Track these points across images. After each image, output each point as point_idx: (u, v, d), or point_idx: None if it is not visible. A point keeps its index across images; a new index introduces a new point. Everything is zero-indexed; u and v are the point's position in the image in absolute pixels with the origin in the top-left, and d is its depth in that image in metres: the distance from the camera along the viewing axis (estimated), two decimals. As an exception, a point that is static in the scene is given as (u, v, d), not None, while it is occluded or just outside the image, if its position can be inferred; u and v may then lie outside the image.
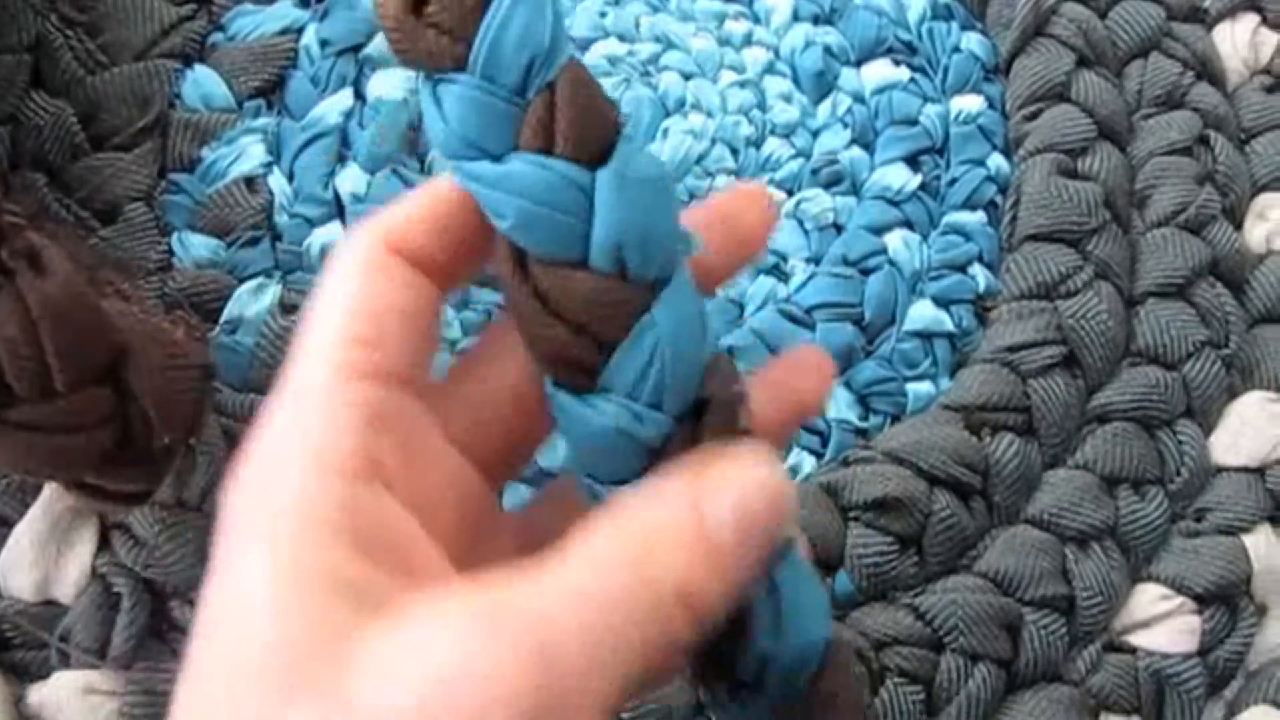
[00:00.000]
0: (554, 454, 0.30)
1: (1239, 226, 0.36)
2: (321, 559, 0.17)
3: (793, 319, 0.33)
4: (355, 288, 0.19)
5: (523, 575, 0.17)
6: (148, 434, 0.26)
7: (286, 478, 0.18)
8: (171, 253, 0.33)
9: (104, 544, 0.31)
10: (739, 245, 0.22)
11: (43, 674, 0.30)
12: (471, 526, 0.21)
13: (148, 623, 0.30)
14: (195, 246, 0.33)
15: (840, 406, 0.33)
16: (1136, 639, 0.32)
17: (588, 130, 0.19)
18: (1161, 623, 0.32)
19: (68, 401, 0.25)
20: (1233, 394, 0.35)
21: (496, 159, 0.19)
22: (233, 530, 0.18)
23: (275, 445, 0.18)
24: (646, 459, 0.20)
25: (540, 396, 0.20)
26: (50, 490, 0.30)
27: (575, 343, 0.19)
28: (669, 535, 0.18)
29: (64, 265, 0.25)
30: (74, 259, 0.25)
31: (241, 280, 0.33)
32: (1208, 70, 0.37)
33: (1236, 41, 0.38)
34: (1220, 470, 0.34)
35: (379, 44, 0.34)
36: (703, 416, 0.20)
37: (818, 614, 0.21)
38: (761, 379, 0.23)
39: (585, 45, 0.35)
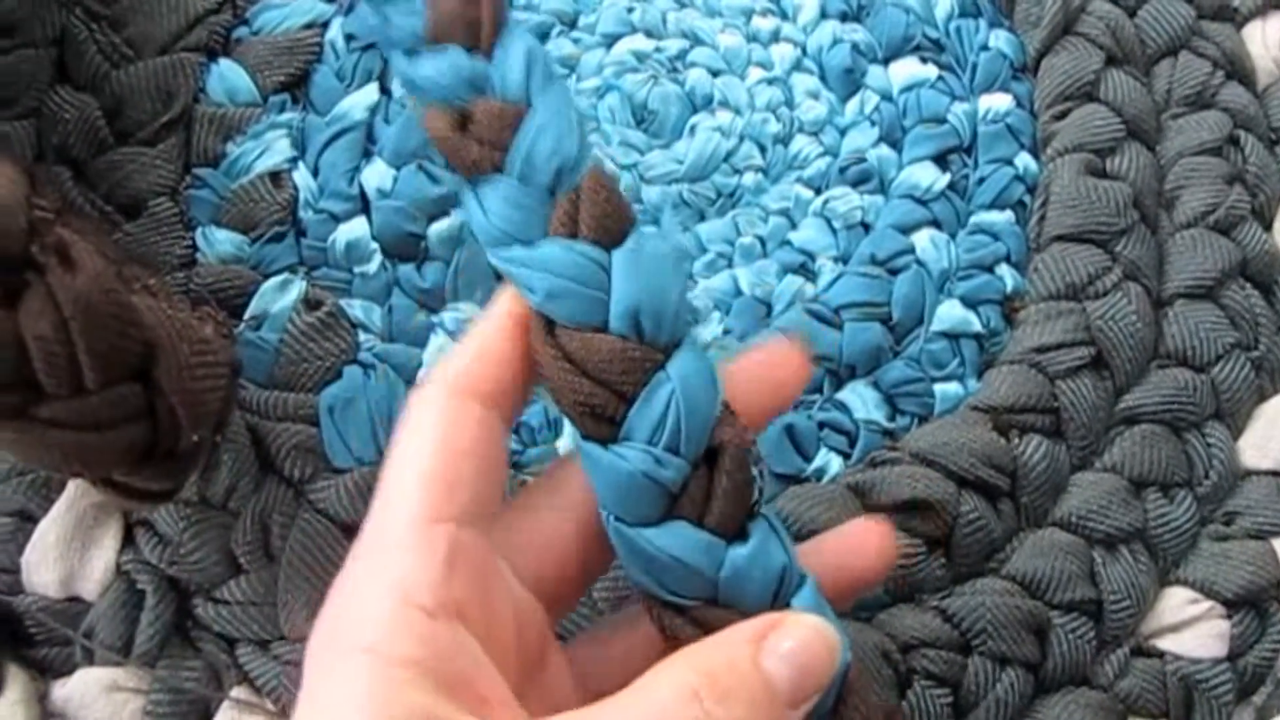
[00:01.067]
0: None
1: (1269, 227, 0.36)
2: (408, 699, 0.18)
3: (820, 318, 0.33)
4: (432, 434, 0.21)
5: (594, 713, 0.19)
6: (176, 431, 0.26)
7: (372, 616, 0.19)
8: (196, 248, 0.33)
9: (128, 541, 0.30)
10: (774, 398, 0.25)
11: (67, 670, 0.30)
12: (532, 658, 0.22)
13: (172, 620, 0.30)
14: (220, 242, 0.33)
15: (868, 407, 0.33)
16: (1165, 643, 0.32)
17: (607, 220, 0.23)
18: (1190, 627, 0.32)
19: (97, 398, 0.25)
20: (1262, 396, 0.34)
21: (528, 244, 0.22)
22: (319, 667, 0.19)
23: (360, 585, 0.20)
24: (668, 501, 0.22)
25: (600, 530, 0.22)
26: (75, 486, 0.30)
27: (600, 397, 0.22)
28: (731, 678, 0.19)
29: (94, 261, 0.24)
30: (103, 254, 0.25)
31: (266, 276, 0.32)
32: (1237, 70, 0.37)
33: (1267, 40, 0.38)
34: (1249, 473, 0.34)
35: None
36: (717, 461, 0.22)
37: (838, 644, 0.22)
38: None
39: (612, 40, 0.35)
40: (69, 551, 0.30)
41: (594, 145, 0.25)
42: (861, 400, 0.33)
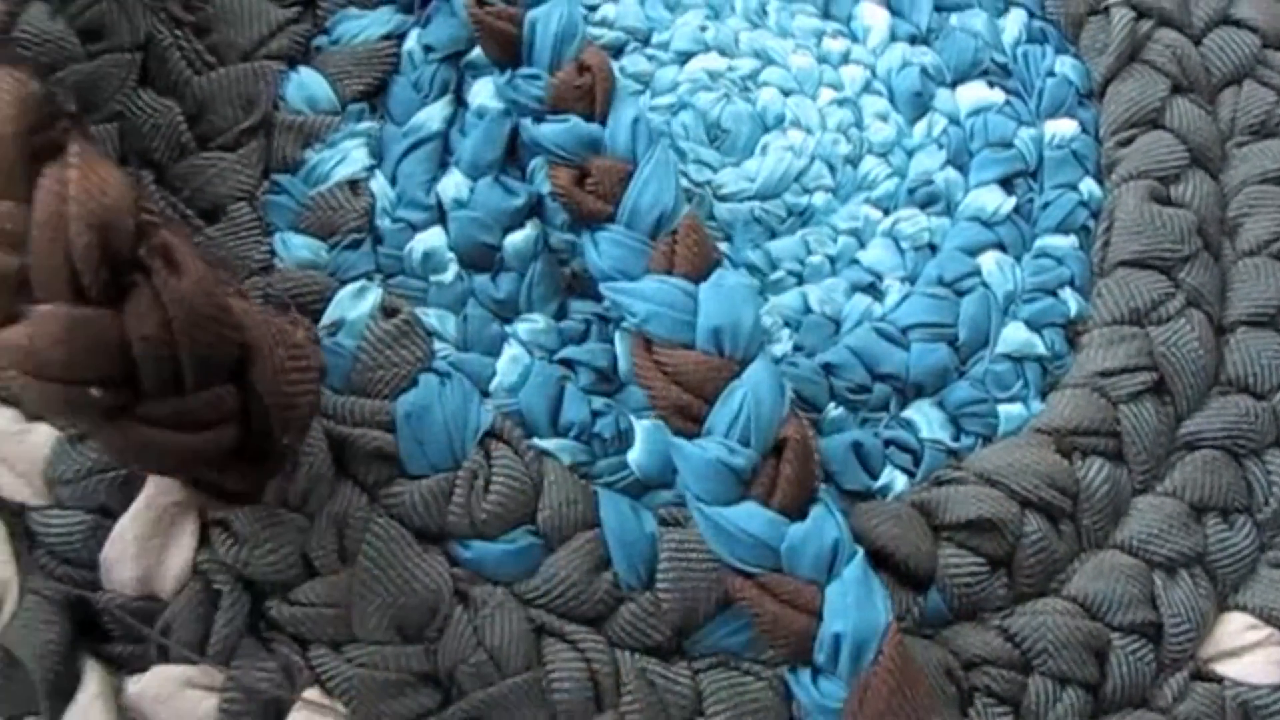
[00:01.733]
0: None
1: (1332, 256, 0.36)
2: None
3: (888, 338, 0.33)
4: None
5: None
6: (267, 434, 0.27)
7: None
8: (274, 253, 0.33)
9: (204, 541, 0.31)
10: None
11: (142, 667, 0.30)
12: None
13: (246, 620, 0.31)
14: (297, 248, 0.33)
15: (933, 426, 0.33)
16: (1223, 668, 0.33)
17: (696, 259, 0.30)
18: (1249, 653, 0.33)
19: (194, 399, 0.25)
20: (1323, 425, 0.35)
21: (633, 278, 0.30)
22: None
23: None
24: (741, 485, 0.28)
25: None
26: (155, 485, 0.31)
27: (687, 400, 0.29)
28: None
29: (197, 264, 0.25)
30: (203, 257, 0.26)
31: (343, 283, 0.33)
32: (1303, 100, 0.38)
33: (1331, 71, 0.38)
34: (1309, 501, 0.34)
35: (480, 52, 0.35)
36: (782, 453, 0.29)
37: (878, 603, 0.28)
38: None
39: (685, 58, 0.36)
40: (147, 549, 0.31)
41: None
42: (927, 419, 0.33)
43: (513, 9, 0.33)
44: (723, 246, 0.33)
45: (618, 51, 0.35)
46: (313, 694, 0.31)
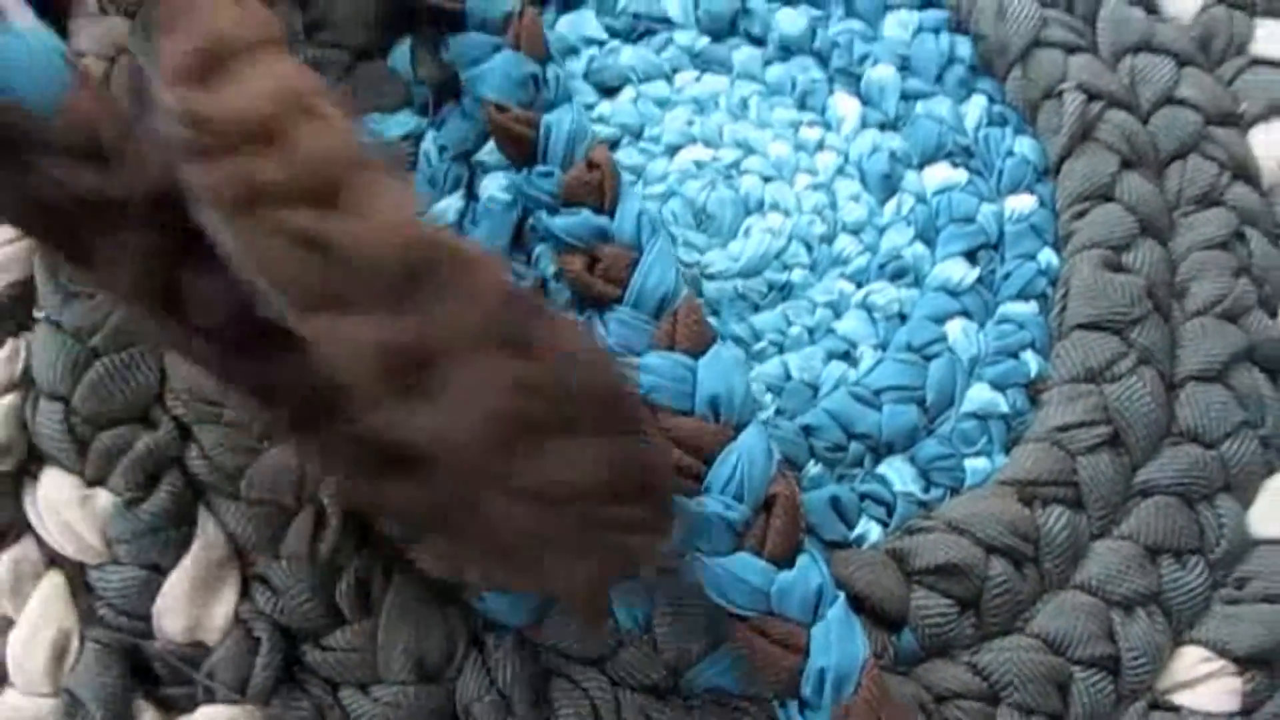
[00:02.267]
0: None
1: (1274, 315, 0.39)
2: None
3: (862, 400, 0.37)
4: None
5: None
6: None
7: None
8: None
9: (245, 593, 0.34)
10: None
11: (190, 707, 0.34)
12: None
13: (282, 664, 0.34)
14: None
15: (905, 480, 0.36)
16: (1180, 698, 0.35)
17: (695, 337, 0.33)
18: (1204, 684, 0.35)
19: None
20: (1270, 470, 0.37)
21: (639, 354, 0.33)
22: None
23: None
24: (735, 537, 0.31)
25: None
26: (200, 544, 0.34)
27: (688, 461, 0.32)
28: None
29: None
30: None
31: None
32: (1243, 171, 0.40)
33: (1270, 144, 0.41)
34: (1258, 542, 0.37)
35: (489, 150, 0.38)
36: (772, 508, 0.32)
37: (857, 640, 0.31)
38: None
39: (674, 150, 0.39)
40: (194, 602, 0.34)
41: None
42: (899, 474, 0.36)
43: (529, 113, 0.36)
44: (711, 320, 0.37)
45: (613, 145, 0.39)
46: (342, 731, 0.34)
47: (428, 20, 0.38)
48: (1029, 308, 0.38)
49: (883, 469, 0.36)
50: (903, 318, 0.38)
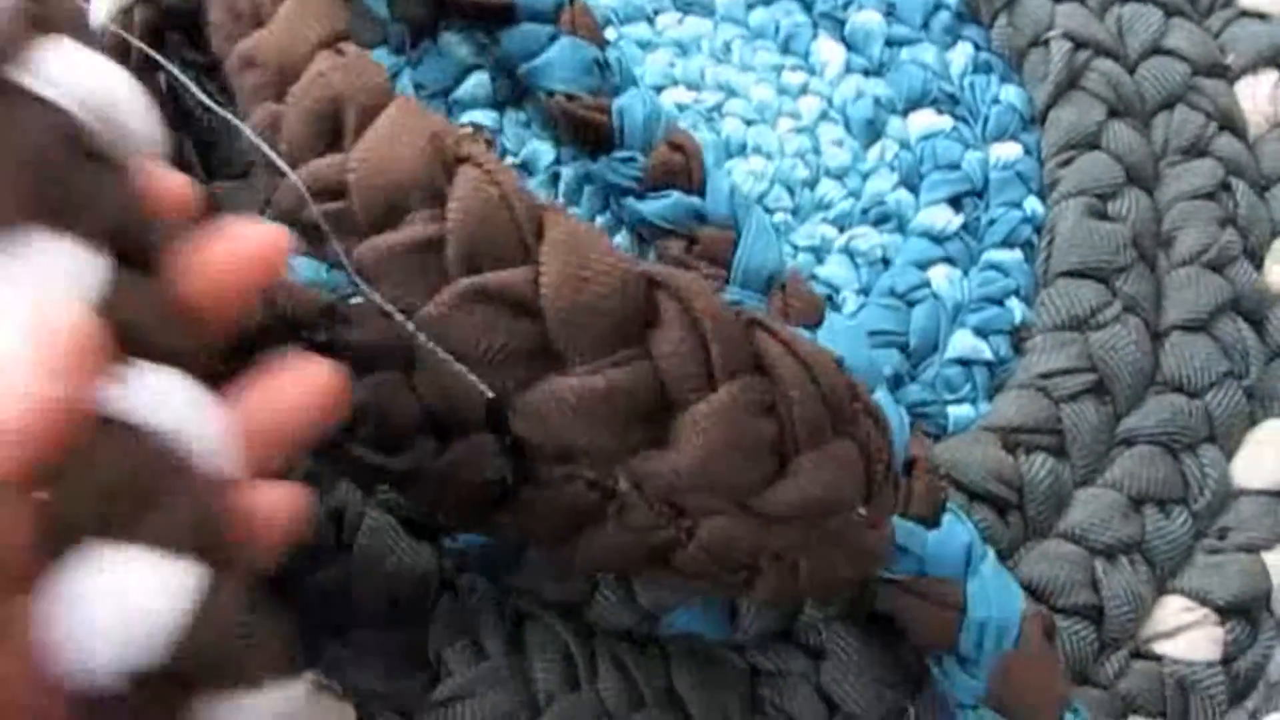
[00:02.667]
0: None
1: (1259, 266, 0.39)
2: None
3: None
4: None
5: None
6: None
7: None
8: (279, 273, 0.36)
9: None
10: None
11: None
12: None
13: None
14: (302, 267, 0.36)
15: (888, 425, 0.36)
16: (1162, 647, 0.35)
17: (809, 310, 0.34)
18: (1185, 633, 0.35)
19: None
20: (1252, 421, 0.37)
21: None
22: None
23: None
24: None
25: None
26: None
27: None
28: None
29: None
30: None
31: (343, 298, 0.36)
32: (1230, 122, 0.40)
33: (1257, 96, 0.41)
34: (1241, 492, 0.37)
35: (467, 88, 0.38)
36: (912, 470, 0.32)
37: (1014, 595, 0.31)
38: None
39: (656, 92, 0.38)
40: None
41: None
42: (881, 419, 0.36)
43: (600, 100, 0.36)
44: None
45: (594, 88, 0.38)
46: (312, 674, 0.33)
47: (472, 15, 0.38)
48: (1014, 255, 0.38)
49: (865, 415, 0.36)
50: (886, 263, 0.38)
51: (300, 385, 0.25)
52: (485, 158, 0.26)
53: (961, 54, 0.40)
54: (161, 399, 0.21)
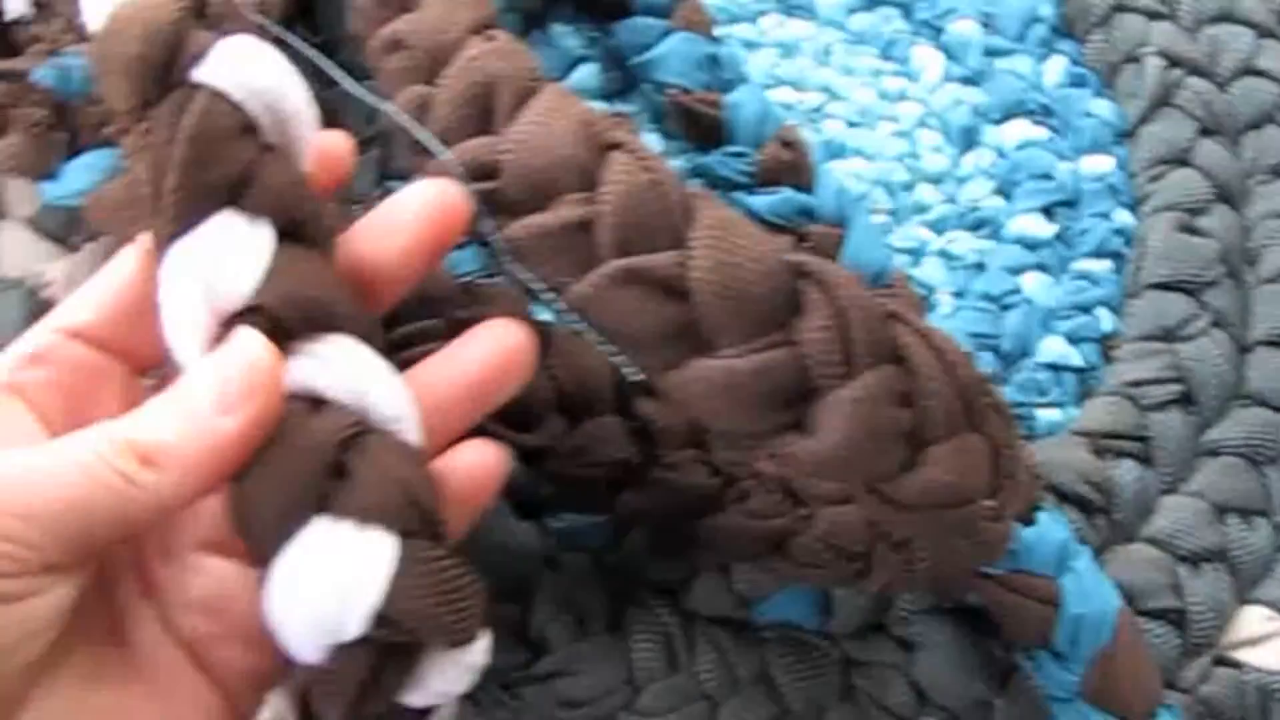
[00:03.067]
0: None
1: (1343, 285, 0.39)
2: None
3: (940, 345, 0.37)
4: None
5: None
6: None
7: None
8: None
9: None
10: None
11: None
12: None
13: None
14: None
15: (981, 426, 0.36)
16: (1243, 655, 0.35)
17: (913, 308, 0.34)
18: (1266, 642, 0.35)
19: None
20: (1335, 436, 0.38)
21: None
22: None
23: None
24: None
25: None
26: None
27: None
28: None
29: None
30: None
31: (456, 279, 0.36)
32: (1318, 143, 0.41)
33: (1345, 117, 0.42)
34: (1323, 506, 0.37)
35: (577, 78, 0.38)
36: None
37: (1108, 594, 0.31)
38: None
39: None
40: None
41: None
42: (975, 420, 0.36)
43: (713, 95, 0.36)
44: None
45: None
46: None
47: (586, 6, 0.38)
48: (1103, 265, 0.39)
49: (958, 415, 0.36)
50: (980, 267, 0.38)
51: (490, 347, 0.25)
52: (636, 144, 0.27)
53: (1056, 67, 0.41)
54: (340, 369, 0.22)
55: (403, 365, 0.25)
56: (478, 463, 0.25)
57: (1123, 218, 0.39)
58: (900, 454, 0.26)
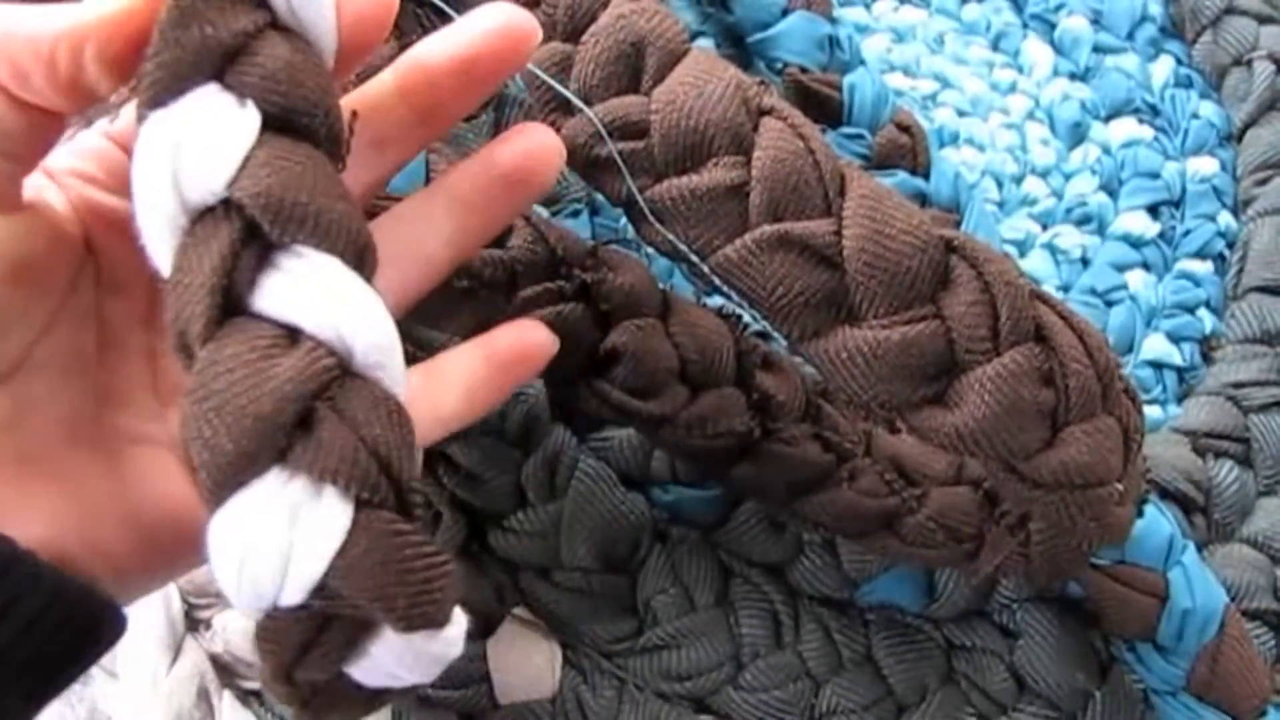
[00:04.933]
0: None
1: None
2: None
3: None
4: None
5: None
6: None
7: None
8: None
9: (428, 469, 0.34)
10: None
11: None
12: None
13: (462, 542, 0.34)
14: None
15: (1085, 419, 0.36)
16: (1337, 659, 0.36)
17: None
18: (1360, 647, 0.36)
19: None
20: None
21: None
22: None
23: None
24: None
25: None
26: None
27: None
28: None
29: None
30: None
31: (606, 243, 0.36)
32: None
33: None
34: None
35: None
36: None
37: (1215, 588, 0.30)
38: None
39: (873, 75, 0.39)
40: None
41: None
42: (1079, 413, 0.36)
43: (832, 76, 0.36)
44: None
45: (813, 65, 0.39)
46: (521, 612, 0.34)
47: None
48: (1206, 266, 0.39)
49: (1063, 407, 0.37)
50: (1085, 263, 0.38)
51: (522, 146, 0.25)
52: (790, 111, 0.27)
53: (1164, 67, 0.41)
54: (320, 296, 0.19)
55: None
56: (521, 340, 0.26)
57: (1226, 220, 0.39)
58: (1040, 432, 0.26)
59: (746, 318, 0.30)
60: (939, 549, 0.29)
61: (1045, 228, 0.39)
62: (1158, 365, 0.37)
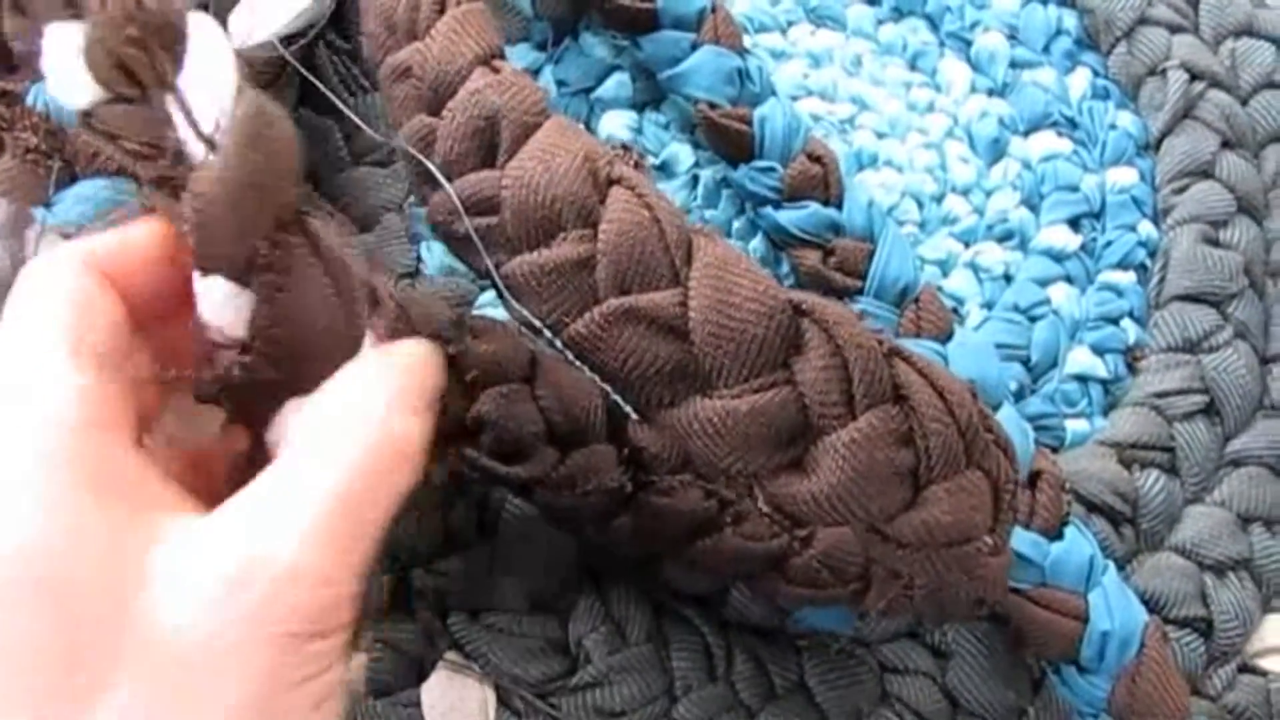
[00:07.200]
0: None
1: (1365, 299, 0.40)
2: None
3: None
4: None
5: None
6: None
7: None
8: (420, 259, 0.37)
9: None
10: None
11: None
12: None
13: (392, 588, 0.34)
14: (440, 254, 0.37)
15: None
16: (1267, 663, 0.36)
17: (940, 324, 0.34)
18: (1291, 650, 0.36)
19: None
20: (1356, 448, 0.38)
21: None
22: None
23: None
24: None
25: None
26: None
27: None
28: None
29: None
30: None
31: (483, 288, 0.36)
32: (1338, 157, 0.42)
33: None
34: (1345, 517, 0.38)
35: (608, 88, 0.38)
36: (1037, 483, 0.34)
37: (1135, 609, 0.31)
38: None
39: (790, 101, 0.39)
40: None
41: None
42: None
43: (742, 110, 0.36)
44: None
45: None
46: (453, 655, 0.34)
47: (615, 20, 0.38)
48: (1129, 277, 0.39)
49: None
50: (1008, 279, 0.39)
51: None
52: (637, 180, 0.27)
53: (1081, 79, 0.41)
54: None
55: None
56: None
57: (1147, 229, 0.40)
58: (900, 494, 0.27)
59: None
60: (826, 589, 0.29)
61: (967, 246, 0.39)
62: (1083, 379, 0.38)
